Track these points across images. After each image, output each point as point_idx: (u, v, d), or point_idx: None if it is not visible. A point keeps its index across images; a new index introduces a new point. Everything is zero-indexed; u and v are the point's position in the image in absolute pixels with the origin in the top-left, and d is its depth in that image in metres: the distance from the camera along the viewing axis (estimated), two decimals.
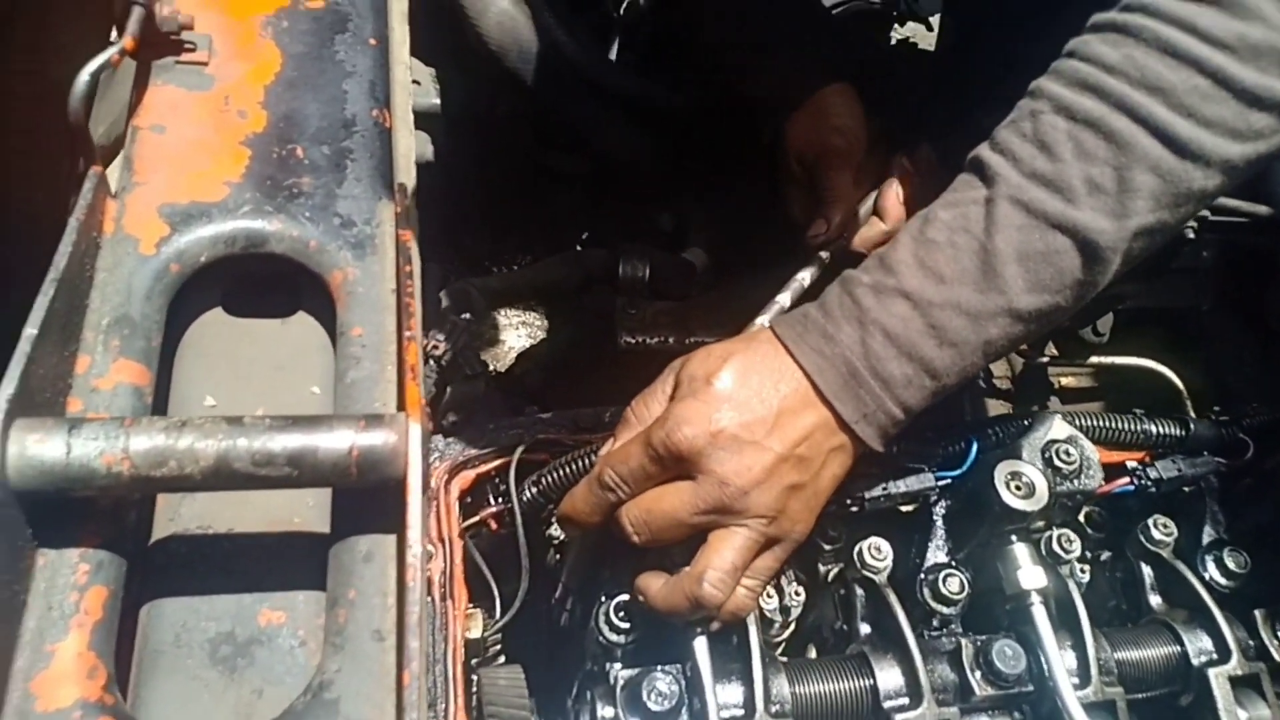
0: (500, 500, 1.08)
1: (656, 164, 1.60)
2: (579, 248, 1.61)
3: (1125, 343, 1.51)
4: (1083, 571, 1.11)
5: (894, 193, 1.16)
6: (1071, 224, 0.84)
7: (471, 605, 1.04)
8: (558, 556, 1.08)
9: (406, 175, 0.98)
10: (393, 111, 1.04)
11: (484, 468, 1.10)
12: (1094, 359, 1.47)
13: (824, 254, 1.12)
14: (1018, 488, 0.97)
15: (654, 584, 0.89)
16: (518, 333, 1.57)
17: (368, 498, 0.75)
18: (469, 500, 1.10)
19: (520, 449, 1.09)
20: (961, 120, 1.26)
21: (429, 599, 1.01)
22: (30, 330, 0.68)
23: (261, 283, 0.93)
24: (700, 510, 0.86)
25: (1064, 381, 1.54)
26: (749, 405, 0.87)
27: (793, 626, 1.07)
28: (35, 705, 0.62)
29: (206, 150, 0.95)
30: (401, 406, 0.73)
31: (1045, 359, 1.49)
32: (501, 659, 1.06)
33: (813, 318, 0.90)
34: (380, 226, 0.93)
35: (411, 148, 1.04)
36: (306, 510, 0.82)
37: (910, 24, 2.34)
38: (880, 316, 0.87)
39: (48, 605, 0.66)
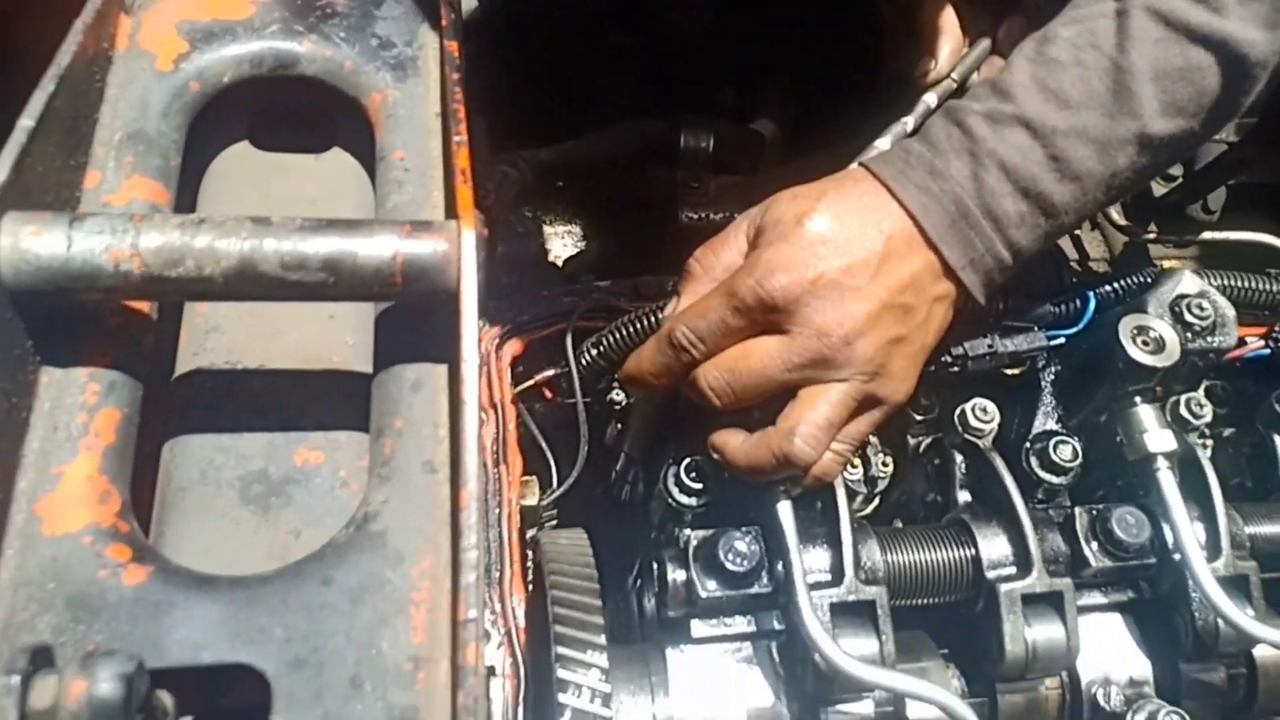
0: (558, 366, 1.00)
1: (721, 32, 1.47)
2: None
3: (1236, 221, 1.37)
4: (1204, 447, 0.99)
5: (1019, 25, 1.02)
6: (1218, 36, 0.73)
7: (527, 475, 0.96)
8: (619, 426, 0.99)
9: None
10: None
11: (538, 334, 1.01)
12: (1205, 235, 1.33)
13: (930, 97, 0.99)
14: (1145, 343, 0.86)
15: (733, 440, 0.80)
16: (570, 208, 1.47)
17: (414, 324, 0.67)
18: (521, 369, 1.02)
19: (578, 313, 1.00)
20: None
21: (482, 464, 0.93)
22: (26, 121, 0.60)
23: (292, 114, 0.84)
24: (795, 366, 0.76)
25: (1168, 262, 1.40)
26: (849, 248, 0.76)
27: (877, 501, 0.97)
28: (41, 529, 0.55)
29: None
30: (452, 215, 0.64)
31: (1149, 236, 1.36)
32: None
33: (916, 152, 0.79)
34: (423, 49, 0.83)
35: None
36: (345, 349, 0.74)
37: None
38: (996, 147, 0.76)
39: (53, 426, 0.58)
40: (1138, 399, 0.87)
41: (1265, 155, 1.27)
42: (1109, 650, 0.88)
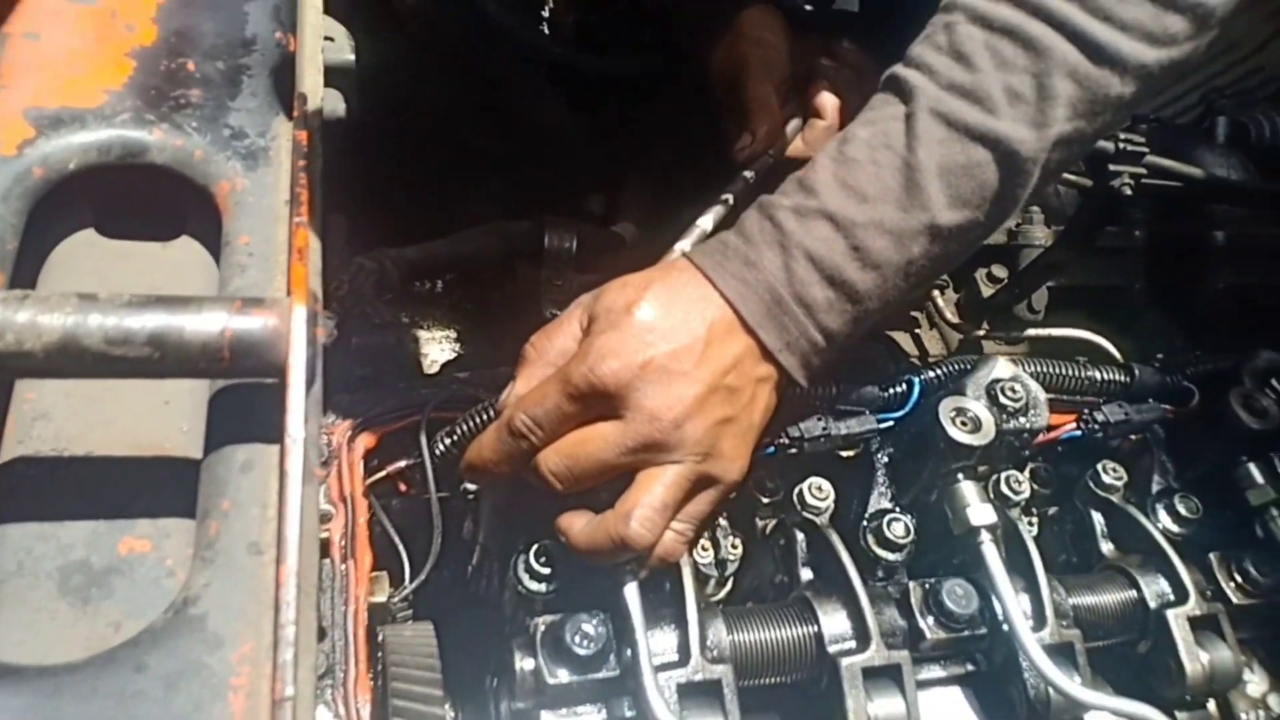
0: (410, 456, 1.00)
1: (587, 138, 1.54)
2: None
3: (1059, 320, 1.49)
4: (1030, 525, 1.06)
5: (823, 89, 1.11)
6: (993, 135, 0.81)
7: (377, 572, 0.94)
8: (473, 518, 0.99)
9: (312, 95, 0.91)
10: (300, 45, 0.97)
11: (392, 426, 1.01)
12: (1030, 332, 1.44)
13: (749, 173, 1.07)
14: (963, 423, 0.92)
15: (576, 523, 0.81)
16: (435, 307, 1.49)
17: (247, 406, 0.67)
18: (375, 462, 1.01)
19: (431, 404, 1.01)
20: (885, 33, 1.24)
21: (327, 560, 0.91)
22: None
23: (141, 203, 0.84)
24: (628, 450, 0.79)
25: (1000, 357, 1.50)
26: (674, 334, 0.80)
27: (730, 585, 0.99)
28: None
29: (85, 60, 0.86)
30: (288, 293, 0.65)
31: (980, 333, 1.46)
32: None
33: (733, 245, 0.85)
34: (276, 140, 0.85)
35: (319, 81, 0.97)
36: (179, 436, 0.73)
37: None
38: (803, 240, 0.82)
39: None
40: (960, 476, 0.93)
41: (1076, 260, 1.40)
42: None
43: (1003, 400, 0.95)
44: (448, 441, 0.97)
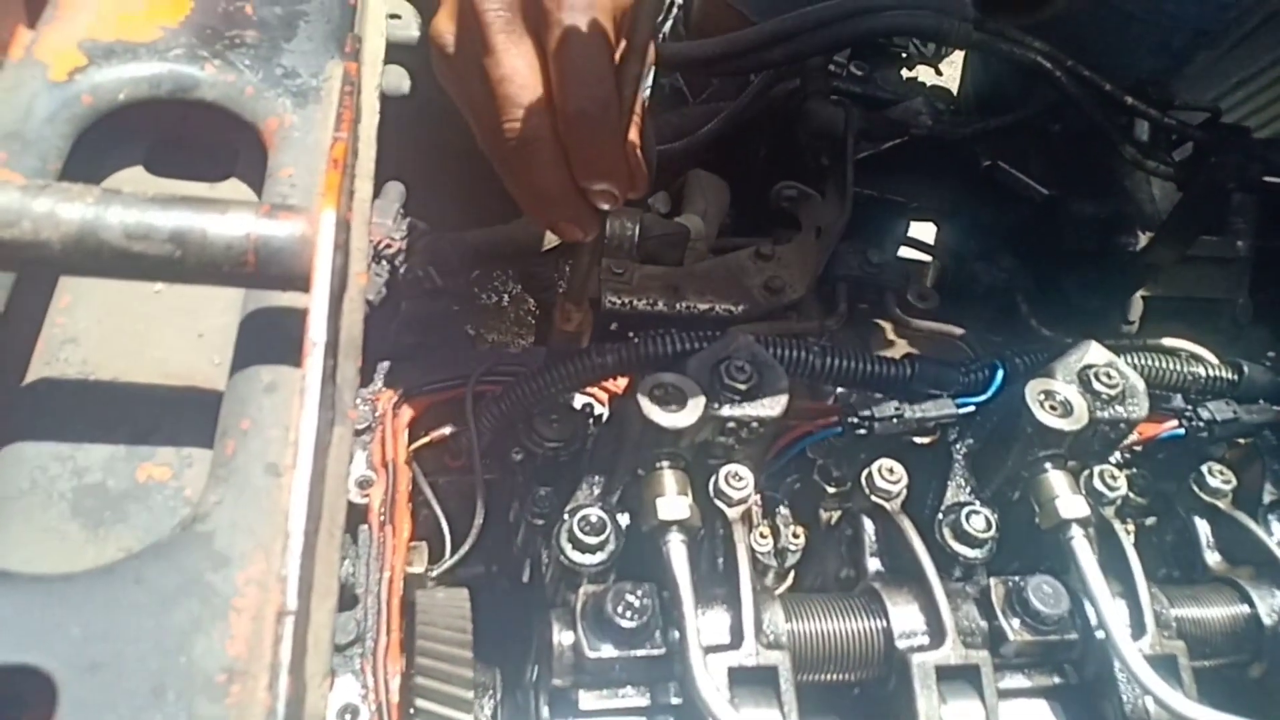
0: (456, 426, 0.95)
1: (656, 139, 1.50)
2: None
3: (1156, 333, 1.38)
4: (1127, 532, 0.96)
5: None
6: None
7: (416, 543, 0.90)
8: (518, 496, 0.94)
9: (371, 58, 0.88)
10: (363, 10, 0.95)
11: (438, 396, 0.97)
12: (1125, 343, 1.34)
13: None
14: (1053, 407, 0.84)
15: None
16: (494, 291, 1.45)
17: (276, 328, 0.63)
18: (423, 435, 0.97)
19: (478, 373, 0.96)
20: None
21: (364, 526, 0.87)
22: None
23: (190, 141, 0.82)
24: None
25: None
26: None
27: (790, 579, 0.92)
28: None
29: None
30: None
31: (1069, 342, 1.36)
32: None
33: None
34: (328, 81, 0.82)
35: (380, 46, 0.95)
36: (211, 369, 0.69)
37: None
38: None
39: None
40: (1049, 466, 0.84)
41: (1174, 264, 1.30)
42: None
43: (1096, 386, 0.87)
44: (495, 411, 0.92)
